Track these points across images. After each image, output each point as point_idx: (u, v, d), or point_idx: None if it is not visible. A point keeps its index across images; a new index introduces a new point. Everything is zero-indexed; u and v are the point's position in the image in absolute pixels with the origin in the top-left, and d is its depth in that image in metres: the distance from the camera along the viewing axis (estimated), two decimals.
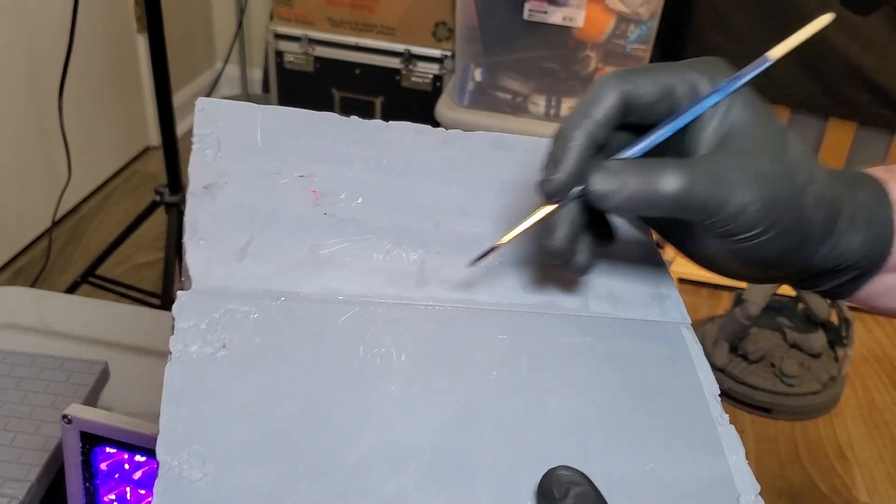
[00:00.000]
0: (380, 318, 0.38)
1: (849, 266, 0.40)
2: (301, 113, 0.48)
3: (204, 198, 0.41)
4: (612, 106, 0.37)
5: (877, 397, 1.77)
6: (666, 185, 0.35)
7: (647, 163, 0.36)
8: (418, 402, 0.35)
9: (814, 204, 0.37)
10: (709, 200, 0.36)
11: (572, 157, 0.36)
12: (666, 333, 0.41)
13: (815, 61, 1.82)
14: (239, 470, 0.31)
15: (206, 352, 0.34)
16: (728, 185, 0.35)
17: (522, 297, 0.41)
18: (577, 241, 0.38)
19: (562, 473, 0.32)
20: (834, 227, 0.39)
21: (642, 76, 0.37)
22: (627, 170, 0.36)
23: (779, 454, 1.61)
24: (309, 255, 0.40)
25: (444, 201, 0.45)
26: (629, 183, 0.36)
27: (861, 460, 1.60)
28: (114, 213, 2.13)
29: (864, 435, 1.67)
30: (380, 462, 0.32)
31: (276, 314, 0.37)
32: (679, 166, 0.36)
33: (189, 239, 0.39)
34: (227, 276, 0.38)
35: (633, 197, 0.36)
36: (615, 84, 0.37)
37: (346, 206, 0.43)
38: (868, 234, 0.39)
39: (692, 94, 0.37)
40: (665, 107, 0.37)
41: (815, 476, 1.56)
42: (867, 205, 0.39)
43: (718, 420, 0.37)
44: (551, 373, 0.38)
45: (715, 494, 0.35)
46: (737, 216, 0.36)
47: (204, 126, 0.45)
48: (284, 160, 0.45)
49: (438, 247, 0.42)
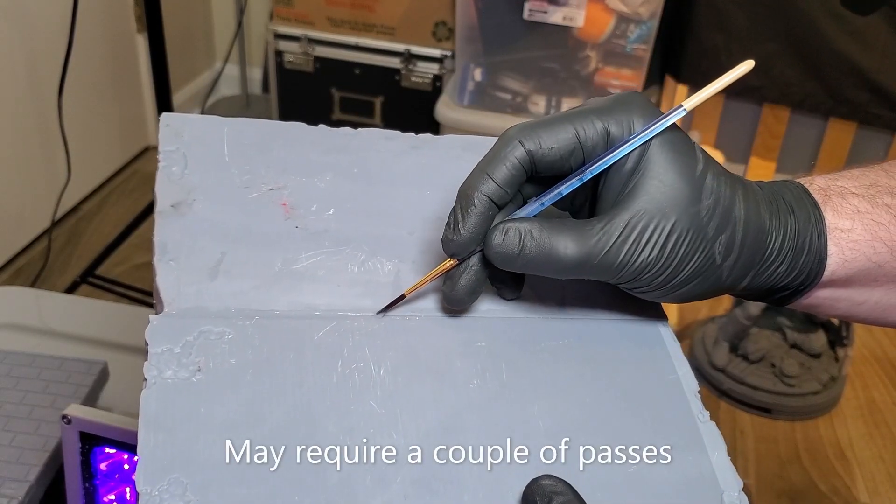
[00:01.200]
0: (357, 332, 0.38)
1: (778, 288, 0.40)
2: (269, 124, 0.47)
3: (172, 217, 0.41)
4: (515, 167, 0.36)
5: (877, 397, 1.77)
6: (563, 254, 0.36)
7: (545, 228, 0.36)
8: (399, 415, 0.35)
9: (724, 250, 0.37)
10: (604, 267, 0.36)
11: (472, 219, 0.37)
12: (643, 332, 0.41)
13: (815, 61, 1.82)
14: (221, 494, 0.31)
15: (182, 376, 0.34)
16: (622, 252, 0.36)
17: (499, 303, 0.41)
18: (476, 291, 0.39)
19: (544, 483, 0.32)
20: (751, 269, 0.39)
21: (547, 132, 0.36)
22: (526, 234, 0.36)
23: (779, 454, 1.60)
24: (282, 270, 0.40)
25: (418, 207, 0.45)
26: (528, 249, 0.36)
27: (861, 460, 1.60)
28: (113, 213, 2.13)
29: (864, 435, 1.67)
30: (364, 477, 0.32)
31: (250, 333, 0.36)
32: (574, 234, 0.36)
33: (159, 260, 0.39)
34: (200, 296, 0.38)
35: (531, 263, 0.36)
36: (518, 142, 0.36)
37: (318, 217, 0.43)
38: (795, 264, 0.39)
39: (603, 142, 0.37)
40: (576, 159, 0.37)
41: (815, 476, 1.56)
42: (798, 235, 0.39)
43: (699, 417, 0.37)
44: (532, 378, 0.37)
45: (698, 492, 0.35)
46: (636, 276, 0.37)
47: (169, 142, 0.45)
48: (254, 173, 0.44)
49: (413, 255, 0.42)
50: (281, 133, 0.47)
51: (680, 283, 0.37)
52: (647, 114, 0.37)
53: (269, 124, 0.47)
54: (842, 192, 0.40)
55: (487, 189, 0.37)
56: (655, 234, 0.36)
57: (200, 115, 0.47)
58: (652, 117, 0.37)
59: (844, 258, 0.39)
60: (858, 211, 0.40)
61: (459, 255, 0.38)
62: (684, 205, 0.36)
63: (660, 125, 0.36)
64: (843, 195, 0.40)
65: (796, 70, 1.84)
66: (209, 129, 0.46)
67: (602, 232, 0.36)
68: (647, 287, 0.37)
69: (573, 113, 0.37)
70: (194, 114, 0.47)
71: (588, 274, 0.37)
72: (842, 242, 0.39)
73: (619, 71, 1.86)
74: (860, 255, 0.39)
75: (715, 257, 0.37)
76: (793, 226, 0.39)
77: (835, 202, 0.40)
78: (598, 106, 0.37)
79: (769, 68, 1.86)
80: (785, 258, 0.39)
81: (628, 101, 0.37)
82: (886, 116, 1.85)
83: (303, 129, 0.47)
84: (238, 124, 0.47)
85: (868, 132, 1.91)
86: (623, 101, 0.37)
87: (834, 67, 1.81)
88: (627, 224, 0.36)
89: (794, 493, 1.52)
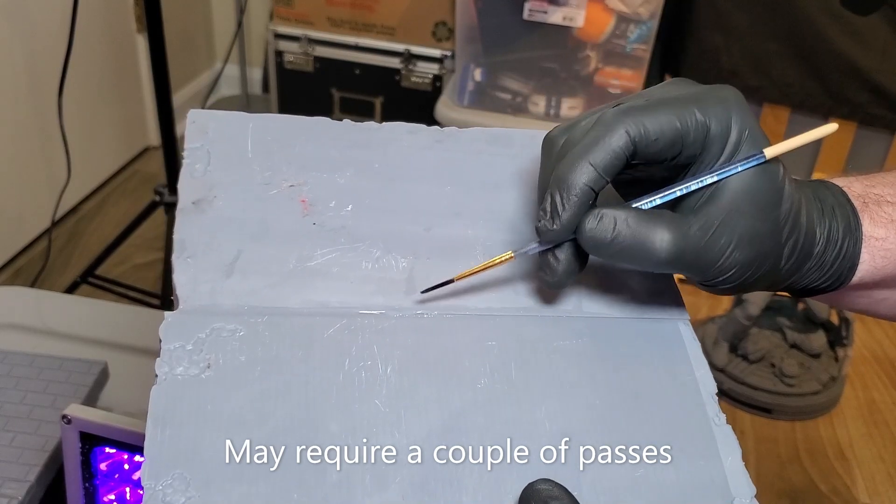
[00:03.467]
0: (366, 330, 0.37)
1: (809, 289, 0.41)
2: (293, 119, 0.47)
3: (192, 214, 0.41)
4: (618, 157, 0.35)
5: (877, 397, 1.77)
6: (657, 247, 0.35)
7: (641, 219, 0.36)
8: (403, 415, 0.34)
9: (789, 255, 0.38)
10: (695, 264, 0.36)
11: (573, 209, 0.36)
12: (663, 331, 0.40)
13: (815, 61, 1.82)
14: (222, 490, 0.31)
15: (192, 373, 0.34)
16: (715, 251, 0.36)
17: (514, 301, 0.40)
18: (574, 273, 0.38)
19: (541, 488, 0.32)
20: (800, 269, 0.39)
21: (651, 120, 0.35)
22: (622, 223, 0.36)
23: (779, 454, 1.60)
24: (297, 267, 0.40)
25: (436, 203, 0.44)
26: (622, 238, 0.35)
27: (861, 460, 1.60)
28: (113, 214, 2.13)
29: (864, 435, 1.67)
30: (363, 477, 0.32)
31: (261, 331, 0.36)
32: (671, 229, 0.36)
33: (177, 258, 0.39)
34: (214, 293, 0.38)
35: (623, 252, 0.36)
36: (624, 130, 0.35)
37: (336, 214, 0.42)
38: (831, 269, 0.40)
39: (703, 138, 0.36)
40: (673, 150, 0.36)
41: (815, 476, 1.56)
42: (837, 241, 0.39)
43: (715, 420, 0.37)
44: (542, 379, 0.37)
45: (709, 499, 0.34)
46: (719, 275, 0.37)
47: (195, 139, 0.45)
48: (275, 170, 0.44)
49: (428, 252, 0.42)
50: (305, 128, 0.47)
51: (751, 283, 0.38)
52: (743, 112, 0.36)
53: (293, 119, 0.47)
54: (878, 200, 0.41)
55: (590, 178, 0.35)
56: (747, 235, 0.36)
57: (226, 111, 0.47)
58: (747, 114, 0.36)
59: (875, 266, 0.40)
60: (893, 220, 0.40)
61: (554, 243, 0.37)
62: (769, 208, 0.36)
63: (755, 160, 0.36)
64: (879, 203, 0.40)
65: (796, 70, 1.84)
66: (234, 125, 0.46)
67: (700, 228, 0.36)
68: (725, 285, 0.37)
69: (674, 101, 0.36)
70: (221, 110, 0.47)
71: (679, 268, 0.36)
72: (874, 250, 0.40)
73: (619, 71, 1.86)
74: (890, 262, 0.40)
75: (781, 260, 0.38)
76: (834, 233, 0.39)
77: (872, 210, 0.40)
78: (696, 96, 0.36)
79: (769, 68, 1.86)
80: (824, 264, 0.39)
81: (724, 95, 0.36)
82: (886, 116, 1.85)
83: (327, 125, 0.47)
84: (262, 120, 0.47)
85: (868, 132, 1.91)
86: (719, 95, 0.36)
87: (834, 67, 1.81)
88: (722, 222, 0.36)
89: (794, 493, 1.52)
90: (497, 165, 0.47)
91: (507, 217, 0.44)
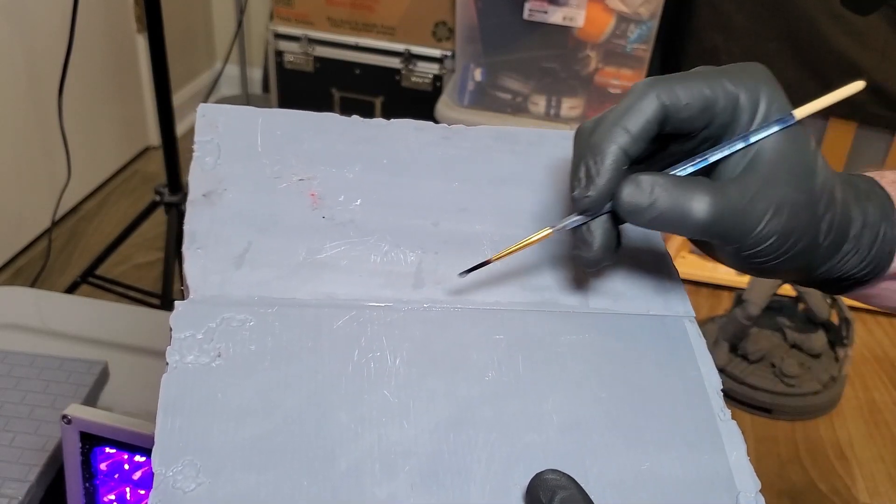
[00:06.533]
0: (375, 322, 0.38)
1: (846, 278, 0.41)
2: (302, 115, 0.48)
3: (203, 206, 0.41)
4: (650, 121, 0.35)
5: (877, 397, 1.77)
6: (695, 211, 0.35)
7: (678, 183, 0.35)
8: (412, 406, 0.35)
9: (826, 230, 0.37)
10: (733, 230, 0.36)
11: (607, 173, 0.35)
12: (668, 328, 0.41)
13: (815, 61, 1.82)
14: (232, 478, 0.31)
15: (202, 361, 0.35)
16: (754, 217, 0.35)
17: (522, 296, 0.41)
18: (612, 248, 0.38)
19: (548, 477, 0.32)
20: (839, 251, 0.39)
21: (682, 87, 0.35)
22: (659, 188, 0.35)
23: (779, 454, 1.60)
24: (306, 259, 0.40)
25: (444, 199, 0.45)
26: (660, 202, 0.35)
27: (861, 460, 1.60)
28: (113, 213, 2.13)
29: (864, 435, 1.67)
30: (372, 466, 0.33)
31: (271, 321, 0.37)
32: (709, 193, 0.35)
33: (188, 248, 0.39)
34: (224, 284, 0.38)
35: (661, 217, 0.35)
36: (655, 95, 0.35)
37: (345, 208, 0.43)
38: (869, 254, 0.39)
39: (733, 108, 0.36)
40: (704, 119, 0.36)
41: (815, 476, 1.56)
42: (875, 224, 0.39)
43: (720, 416, 0.37)
44: (548, 372, 0.37)
45: (714, 492, 0.34)
46: (756, 245, 0.36)
47: (205, 133, 0.45)
48: (285, 164, 0.44)
49: (437, 246, 0.42)
50: (313, 123, 0.47)
51: (787, 259, 0.37)
52: (772, 86, 0.36)
53: (302, 115, 0.48)
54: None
55: (623, 141, 0.35)
56: (785, 204, 0.35)
57: (236, 105, 0.47)
58: (776, 87, 0.36)
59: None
60: None
61: (592, 212, 0.37)
62: (804, 177, 0.36)
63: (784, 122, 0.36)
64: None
65: (796, 70, 1.84)
66: (244, 119, 0.47)
67: (739, 194, 0.35)
68: (760, 257, 0.37)
69: (704, 72, 0.36)
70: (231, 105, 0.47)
71: (716, 234, 0.36)
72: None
73: (619, 71, 1.86)
74: None
75: (819, 236, 0.37)
76: (871, 216, 0.39)
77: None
78: (726, 69, 0.36)
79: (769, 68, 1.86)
80: (861, 247, 0.39)
81: (754, 69, 0.37)
82: (886, 116, 1.85)
83: (335, 120, 0.48)
84: (272, 115, 0.47)
85: (868, 132, 1.91)
86: (749, 69, 0.37)
87: (834, 67, 1.81)
88: (759, 189, 0.35)
89: (794, 493, 1.52)
90: (504, 162, 0.47)
91: (514, 212, 0.45)
